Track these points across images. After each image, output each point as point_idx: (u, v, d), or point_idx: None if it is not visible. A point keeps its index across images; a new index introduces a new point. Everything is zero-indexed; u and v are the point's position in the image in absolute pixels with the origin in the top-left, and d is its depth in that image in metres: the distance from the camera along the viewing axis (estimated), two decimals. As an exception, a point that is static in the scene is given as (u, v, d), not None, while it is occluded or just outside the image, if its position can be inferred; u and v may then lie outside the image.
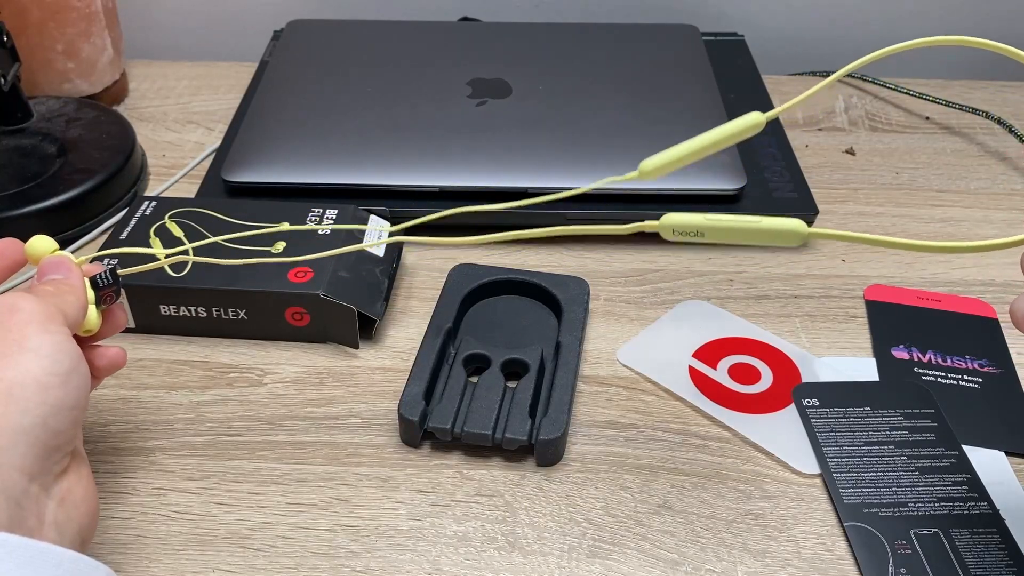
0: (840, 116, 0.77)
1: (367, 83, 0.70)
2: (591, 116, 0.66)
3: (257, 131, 0.66)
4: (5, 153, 0.66)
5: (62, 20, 0.72)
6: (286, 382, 0.53)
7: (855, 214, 0.66)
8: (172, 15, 0.89)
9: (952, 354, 0.54)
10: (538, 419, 0.48)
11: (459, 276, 0.57)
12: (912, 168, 0.71)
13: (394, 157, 0.63)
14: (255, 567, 0.44)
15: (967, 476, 0.47)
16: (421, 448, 0.49)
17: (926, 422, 0.50)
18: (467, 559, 0.44)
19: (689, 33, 0.77)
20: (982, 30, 0.86)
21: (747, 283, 0.60)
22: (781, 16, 0.87)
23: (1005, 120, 0.75)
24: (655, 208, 0.62)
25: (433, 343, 0.52)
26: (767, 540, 0.45)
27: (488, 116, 0.66)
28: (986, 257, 0.62)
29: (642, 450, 0.49)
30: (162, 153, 0.72)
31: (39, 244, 0.43)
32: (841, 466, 0.48)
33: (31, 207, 0.61)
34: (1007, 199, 0.68)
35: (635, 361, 0.54)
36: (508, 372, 0.51)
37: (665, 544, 0.45)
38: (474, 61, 0.72)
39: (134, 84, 0.81)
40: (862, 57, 0.43)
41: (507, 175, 0.62)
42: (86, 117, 0.70)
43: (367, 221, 0.59)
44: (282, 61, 0.74)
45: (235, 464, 0.48)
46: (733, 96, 0.73)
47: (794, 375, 0.53)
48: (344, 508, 0.46)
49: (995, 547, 0.44)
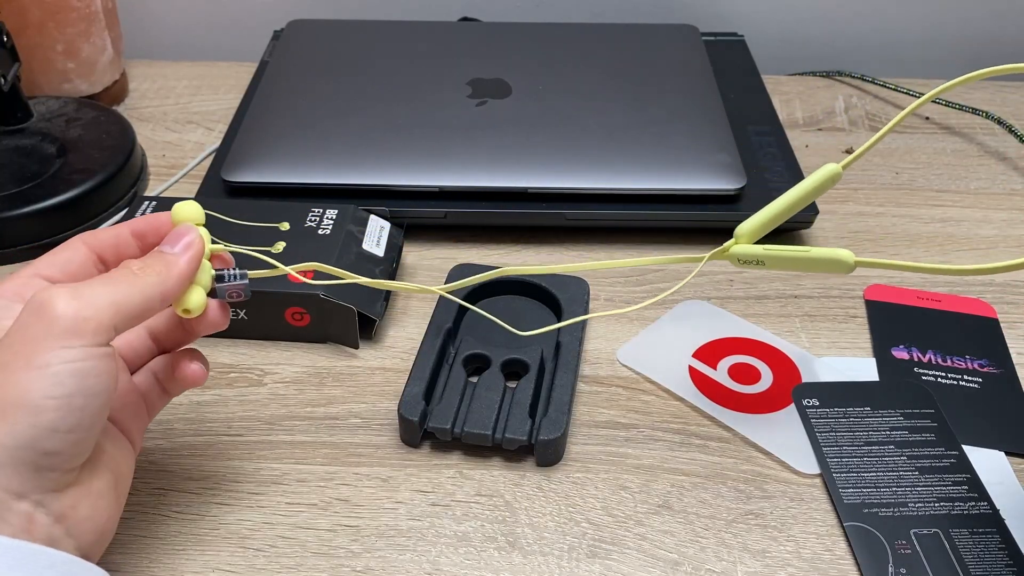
0: (840, 116, 0.77)
1: (367, 83, 0.70)
2: (591, 116, 0.66)
3: (257, 131, 0.66)
4: (5, 153, 0.66)
5: (62, 20, 0.72)
6: (286, 382, 0.53)
7: (855, 214, 0.66)
8: (172, 15, 0.89)
9: (952, 354, 0.54)
10: (538, 419, 0.48)
11: (459, 276, 0.57)
12: (912, 168, 0.71)
13: (394, 157, 0.63)
14: (255, 567, 0.44)
15: (967, 476, 0.47)
16: (421, 448, 0.49)
17: (926, 422, 0.50)
18: (467, 559, 0.44)
19: (689, 33, 0.77)
20: (982, 29, 0.86)
21: (747, 283, 0.60)
22: (781, 16, 0.87)
23: (1005, 120, 0.76)
24: (657, 209, 0.62)
25: (433, 343, 0.52)
26: (767, 540, 0.45)
27: (488, 116, 0.66)
28: (986, 257, 0.62)
29: (642, 450, 0.49)
30: (162, 153, 0.72)
31: (184, 211, 0.40)
32: (841, 466, 0.48)
33: (31, 207, 0.61)
34: (1007, 199, 0.68)
35: (635, 361, 0.54)
36: (508, 372, 0.51)
37: (665, 544, 0.45)
38: (474, 61, 0.72)
39: (134, 84, 0.81)
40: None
41: (507, 175, 0.62)
42: (86, 117, 0.70)
43: (367, 221, 0.59)
44: (282, 61, 0.74)
45: (235, 464, 0.48)
46: (733, 96, 0.73)
47: (794, 375, 0.53)
48: (344, 508, 0.46)
49: (995, 547, 0.44)
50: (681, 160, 0.63)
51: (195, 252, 0.38)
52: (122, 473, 0.39)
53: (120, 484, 0.39)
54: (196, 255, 0.38)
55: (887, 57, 0.88)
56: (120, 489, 0.39)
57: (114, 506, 0.38)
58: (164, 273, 0.37)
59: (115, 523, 0.38)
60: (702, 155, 0.63)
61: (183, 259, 0.38)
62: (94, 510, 0.36)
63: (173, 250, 0.38)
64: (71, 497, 0.35)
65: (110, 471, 0.38)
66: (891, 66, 0.88)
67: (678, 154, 0.63)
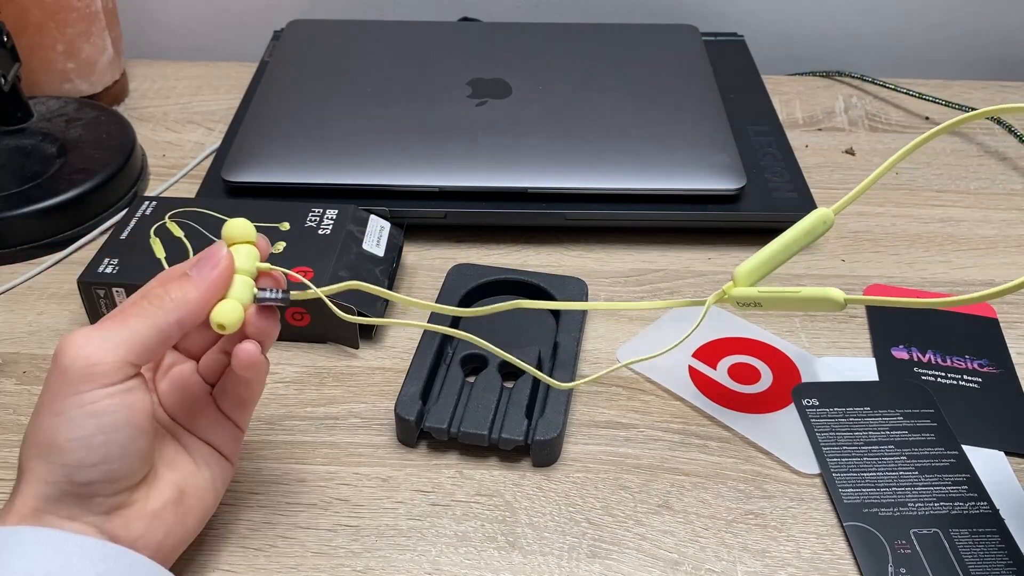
0: (840, 116, 0.77)
1: (367, 83, 0.70)
2: (591, 116, 0.66)
3: (257, 131, 0.66)
4: (5, 153, 0.66)
5: (62, 20, 0.72)
6: (286, 382, 0.53)
7: (855, 214, 0.66)
8: (172, 15, 0.89)
9: (952, 354, 0.54)
10: (534, 419, 0.48)
11: (458, 276, 0.57)
12: (912, 168, 0.71)
13: (394, 157, 0.63)
14: (255, 567, 0.44)
15: (967, 476, 0.47)
16: (418, 448, 0.49)
17: (926, 422, 0.50)
18: (467, 559, 0.44)
19: (689, 33, 0.77)
20: (983, 29, 0.86)
21: (747, 283, 0.60)
22: (781, 16, 0.87)
23: (1005, 120, 0.75)
24: (657, 209, 0.62)
25: (431, 343, 0.52)
26: (767, 540, 0.45)
27: (488, 116, 0.66)
28: (986, 257, 0.62)
29: (642, 450, 0.49)
30: (162, 153, 0.72)
31: (233, 230, 0.40)
32: (841, 466, 0.48)
33: (31, 207, 0.61)
34: (1007, 199, 0.68)
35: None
36: (505, 372, 0.51)
37: (665, 544, 0.45)
38: (474, 61, 0.72)
39: (134, 84, 0.81)
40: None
41: (507, 175, 0.62)
42: (86, 117, 0.70)
43: (367, 221, 0.59)
44: (282, 61, 0.74)
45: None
46: (733, 96, 0.73)
47: (794, 375, 0.53)
48: (344, 508, 0.46)
49: (995, 547, 0.44)
50: (681, 160, 0.63)
51: (220, 272, 0.39)
52: (189, 490, 0.41)
53: (187, 501, 0.40)
54: (221, 275, 0.39)
55: (887, 57, 0.88)
56: (188, 505, 0.40)
57: (175, 523, 0.40)
58: (181, 299, 0.38)
59: (178, 538, 0.40)
60: (702, 155, 0.63)
61: (204, 282, 0.38)
62: (148, 529, 0.38)
63: (198, 273, 0.38)
64: (123, 518, 0.38)
65: (171, 490, 0.40)
66: (891, 66, 0.88)
67: (678, 154, 0.63)
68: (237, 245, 0.40)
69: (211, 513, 0.43)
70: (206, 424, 0.43)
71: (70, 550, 0.35)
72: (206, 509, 0.42)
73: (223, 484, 0.43)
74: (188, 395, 0.42)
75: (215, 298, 0.39)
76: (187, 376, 0.42)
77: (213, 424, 0.43)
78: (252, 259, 0.40)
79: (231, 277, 0.39)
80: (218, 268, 0.39)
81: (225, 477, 0.43)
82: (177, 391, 0.42)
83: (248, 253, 0.40)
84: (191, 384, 0.42)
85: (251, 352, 0.40)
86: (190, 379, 0.42)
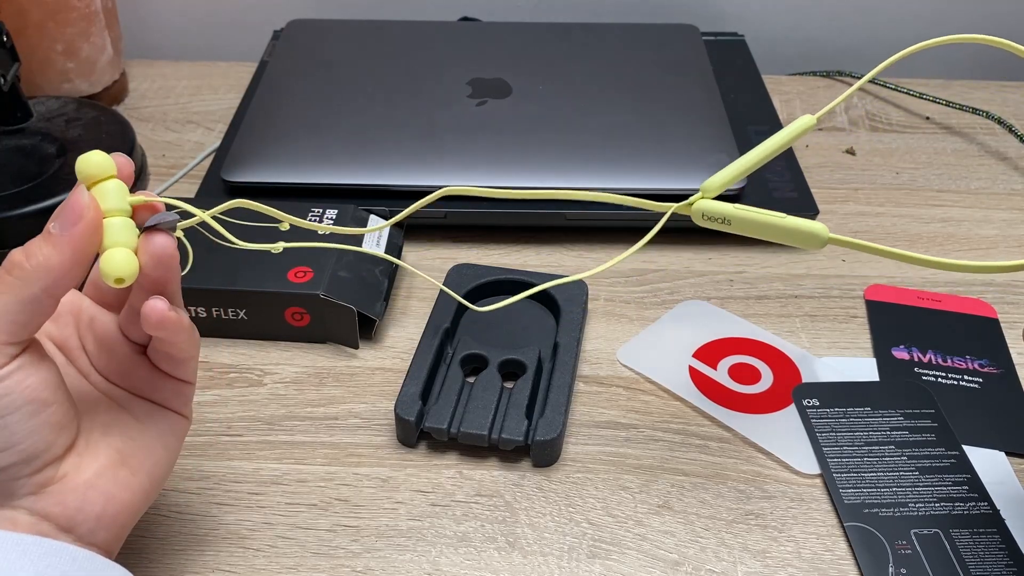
0: (840, 116, 0.77)
1: (367, 83, 0.70)
2: (591, 116, 0.66)
3: (257, 131, 0.66)
4: (5, 153, 0.66)
5: (62, 20, 0.72)
6: (286, 382, 0.53)
7: (855, 214, 0.66)
8: (172, 15, 0.89)
9: (952, 354, 0.54)
10: (534, 420, 0.48)
11: (457, 276, 0.57)
12: (912, 168, 0.71)
13: (394, 157, 0.63)
14: (255, 567, 0.43)
15: (967, 476, 0.47)
16: (418, 448, 0.49)
17: (926, 422, 0.50)
18: (467, 559, 0.44)
19: (689, 33, 0.77)
20: (983, 29, 0.86)
21: (747, 283, 0.60)
22: (781, 16, 0.87)
23: (1005, 120, 0.75)
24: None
25: (430, 343, 0.52)
26: (767, 540, 0.45)
27: (488, 116, 0.66)
28: (987, 257, 0.62)
29: (642, 450, 0.49)
30: (162, 153, 0.72)
31: (89, 167, 0.35)
32: (841, 466, 0.48)
33: (31, 207, 0.61)
34: (1007, 199, 0.68)
35: (635, 361, 0.54)
36: (505, 372, 0.51)
37: (665, 544, 0.45)
38: (474, 61, 0.72)
39: (134, 84, 0.81)
40: (876, 59, 0.44)
41: (507, 175, 0.62)
42: (86, 117, 0.70)
43: (367, 221, 0.59)
44: (282, 61, 0.73)
45: (235, 464, 0.48)
46: (733, 96, 0.73)
47: (794, 375, 0.53)
48: (344, 508, 0.46)
49: (995, 547, 0.44)
50: (681, 160, 0.63)
51: (85, 224, 0.34)
52: (133, 451, 0.38)
53: (131, 462, 0.38)
54: (87, 227, 0.34)
55: (887, 57, 0.88)
56: (132, 466, 0.38)
57: (117, 488, 0.37)
58: (42, 266, 0.33)
59: (123, 503, 0.37)
60: (702, 155, 0.63)
61: (68, 240, 0.34)
62: (85, 500, 0.36)
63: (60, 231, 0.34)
64: (53, 495, 0.35)
65: (108, 454, 0.37)
66: (891, 66, 0.88)
67: (678, 154, 0.63)
68: (99, 183, 0.35)
69: (166, 470, 0.40)
70: (143, 382, 0.39)
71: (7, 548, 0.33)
72: (157, 467, 0.39)
73: (176, 439, 0.40)
74: (117, 356, 0.39)
75: (85, 255, 0.34)
76: (112, 336, 0.39)
77: (152, 381, 0.39)
78: (122, 194, 0.35)
79: (100, 225, 0.34)
80: (83, 220, 0.34)
81: (177, 432, 0.40)
82: (105, 352, 0.39)
83: (116, 189, 0.35)
84: (116, 344, 0.39)
85: (159, 309, 0.35)
86: (115, 339, 0.39)
